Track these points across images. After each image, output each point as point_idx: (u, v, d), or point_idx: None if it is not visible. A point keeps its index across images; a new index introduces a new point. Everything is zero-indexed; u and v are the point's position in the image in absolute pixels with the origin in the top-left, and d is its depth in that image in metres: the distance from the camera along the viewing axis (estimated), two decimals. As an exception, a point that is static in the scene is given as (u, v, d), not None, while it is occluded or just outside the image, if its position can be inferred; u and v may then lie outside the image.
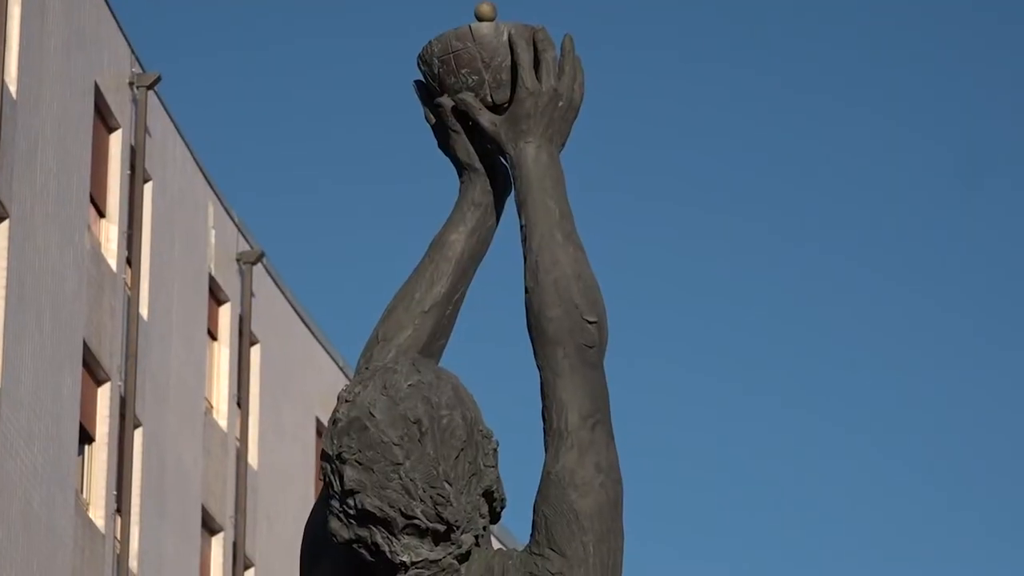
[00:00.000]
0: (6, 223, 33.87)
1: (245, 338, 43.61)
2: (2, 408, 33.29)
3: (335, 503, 4.99)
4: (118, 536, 37.49)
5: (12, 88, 34.35)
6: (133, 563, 37.97)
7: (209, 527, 41.95)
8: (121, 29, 39.35)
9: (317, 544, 5.45)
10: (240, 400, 43.17)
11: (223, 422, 42.69)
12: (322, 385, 40.22)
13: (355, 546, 5.12)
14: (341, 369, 41.60)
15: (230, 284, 43.39)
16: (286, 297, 45.72)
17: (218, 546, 42.28)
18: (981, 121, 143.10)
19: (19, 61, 34.84)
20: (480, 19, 5.42)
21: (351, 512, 5.04)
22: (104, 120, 38.52)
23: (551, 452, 5.27)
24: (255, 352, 43.87)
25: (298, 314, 45.97)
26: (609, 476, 5.26)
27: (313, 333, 45.95)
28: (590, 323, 5.29)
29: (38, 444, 34.59)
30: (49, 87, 36.08)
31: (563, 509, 5.20)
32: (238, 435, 43.23)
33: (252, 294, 43.95)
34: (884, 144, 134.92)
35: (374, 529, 5.05)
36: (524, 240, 5.39)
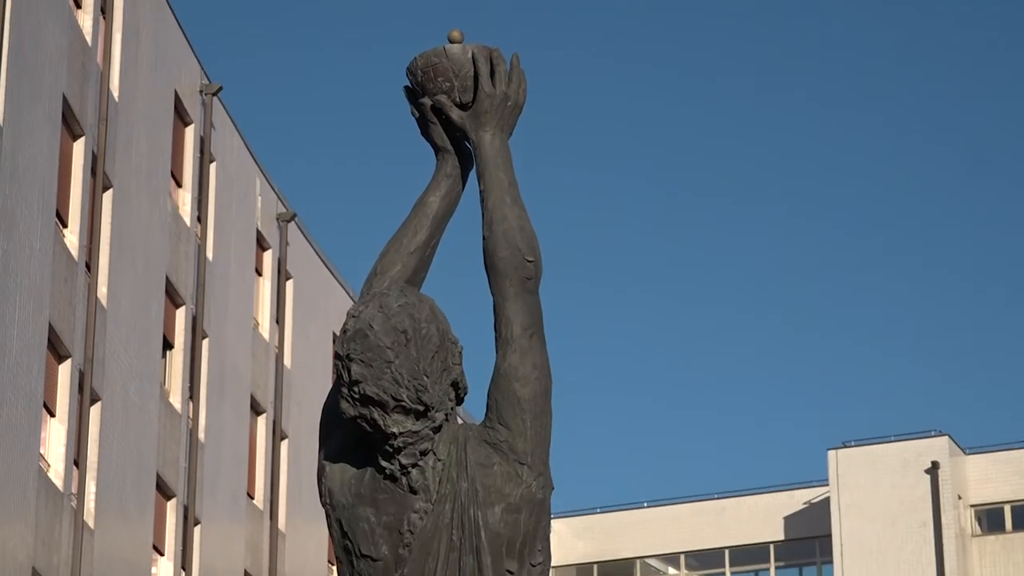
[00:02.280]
0: (110, 191, 34.23)
1: (282, 275, 43.52)
2: (108, 326, 33.48)
3: (344, 390, 6.26)
4: (191, 416, 37.61)
5: (115, 94, 34.61)
6: (201, 435, 38.07)
7: (255, 410, 41.77)
8: (193, 51, 39.50)
9: (331, 420, 6.69)
10: (278, 319, 43.17)
11: (266, 335, 42.62)
12: (337, 308, 40.43)
13: (359, 421, 6.39)
14: (350, 296, 41.72)
15: (271, 236, 43.35)
16: (312, 246, 45.63)
17: (262, 424, 42.14)
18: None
19: (120, 75, 34.99)
20: (451, 42, 6.87)
21: (356, 396, 6.32)
22: (181, 118, 38.63)
23: (500, 354, 6.63)
24: (289, 285, 43.76)
25: (320, 258, 45.81)
26: (542, 372, 6.63)
27: (331, 271, 45.93)
28: (529, 261, 6.73)
29: (135, 350, 34.79)
30: (141, 94, 36.26)
31: (509, 395, 6.52)
32: (277, 344, 43.12)
33: (287, 243, 43.79)
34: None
35: (372, 408, 6.32)
36: (482, 201, 6.79)
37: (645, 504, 61.35)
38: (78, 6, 33.40)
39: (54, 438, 31.41)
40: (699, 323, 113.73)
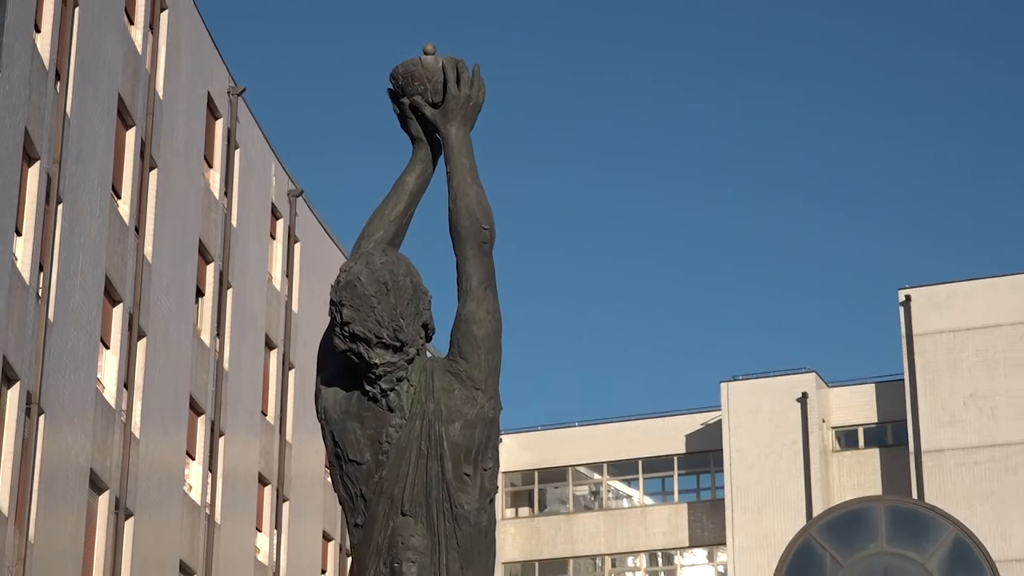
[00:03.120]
0: (155, 171, 34.22)
1: (291, 239, 43.50)
2: (152, 278, 33.47)
3: (337, 329, 6.33)
4: (217, 350, 37.59)
5: (160, 94, 34.64)
6: (225, 366, 38.06)
7: (269, 346, 41.78)
8: (222, 59, 39.48)
9: (327, 353, 6.79)
10: (288, 274, 43.25)
11: (278, 286, 42.57)
12: (335, 265, 40.21)
13: (348, 354, 6.46)
14: (344, 256, 41.71)
15: (283, 208, 43.30)
16: (315, 216, 45.61)
17: (274, 357, 42.16)
18: None
19: (164, 78, 35.03)
20: (426, 54, 6.98)
21: (346, 334, 6.39)
22: (212, 113, 38.63)
23: (461, 303, 6.71)
24: (297, 247, 43.73)
25: (322, 226, 45.75)
26: (494, 317, 6.71)
27: (330, 236, 45.95)
28: (485, 229, 6.81)
29: (173, 297, 34.80)
30: (181, 93, 36.33)
31: (468, 335, 6.60)
32: (287, 294, 43.13)
33: (296, 214, 43.72)
34: None
35: (359, 344, 6.40)
36: (448, 181, 6.88)
37: (576, 423, 61.40)
38: (131, 22, 33.36)
39: (108, 366, 31.41)
40: (624, 272, 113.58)
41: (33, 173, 27.28)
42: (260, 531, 40.54)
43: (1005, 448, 50.06)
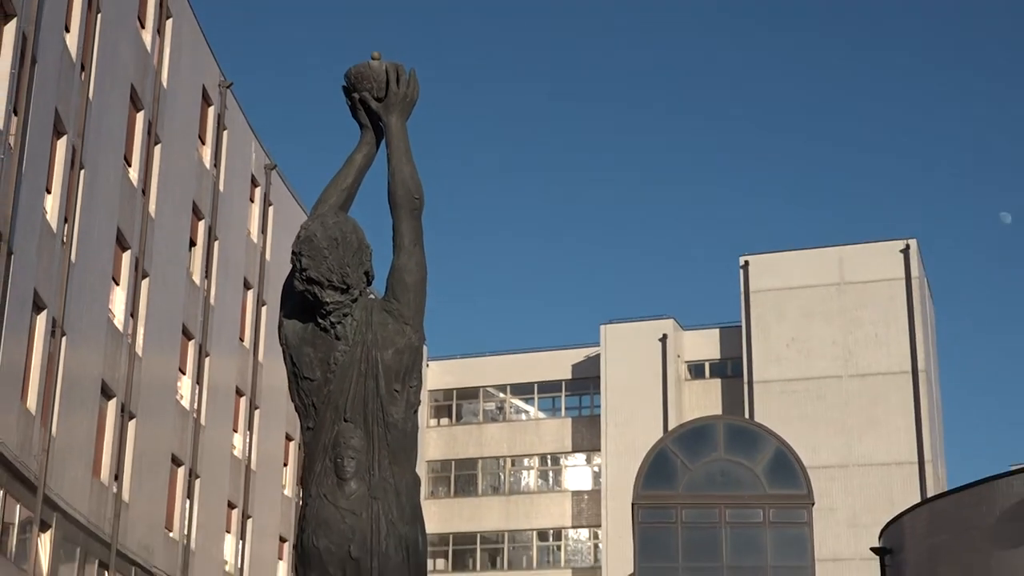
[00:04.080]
0: (159, 145, 33.92)
1: (267, 203, 43.23)
2: (155, 230, 33.23)
3: (296, 274, 6.29)
4: (205, 288, 37.57)
5: (165, 85, 34.41)
6: (212, 301, 38.08)
7: (246, 286, 41.59)
8: (215, 58, 39.11)
9: (288, 293, 6.77)
10: (263, 230, 43.06)
11: (255, 239, 42.37)
12: (300, 223, 40.60)
13: (305, 294, 6.42)
14: (306, 214, 41.68)
15: (261, 178, 42.99)
16: (286, 185, 45.38)
17: (250, 296, 41.93)
18: None
19: (168, 73, 34.78)
20: (373, 59, 6.83)
21: (303, 278, 6.35)
22: (206, 101, 38.31)
23: (396, 256, 6.66)
24: (271, 210, 43.45)
25: (291, 193, 45.53)
26: (421, 267, 6.69)
27: (297, 201, 45.64)
28: (416, 198, 6.77)
29: (171, 245, 34.67)
30: (181, 85, 36.05)
31: (400, 281, 6.57)
32: (262, 246, 42.98)
33: (271, 183, 43.54)
34: None
35: (313, 286, 6.37)
36: (389, 160, 6.84)
37: (487, 353, 61.48)
38: (143, 27, 33.02)
39: (118, 299, 31.25)
40: (529, 235, 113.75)
41: (61, 144, 27.05)
42: (236, 432, 40.47)
43: (817, 381, 50.73)
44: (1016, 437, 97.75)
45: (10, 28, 24.00)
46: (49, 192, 26.62)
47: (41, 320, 25.98)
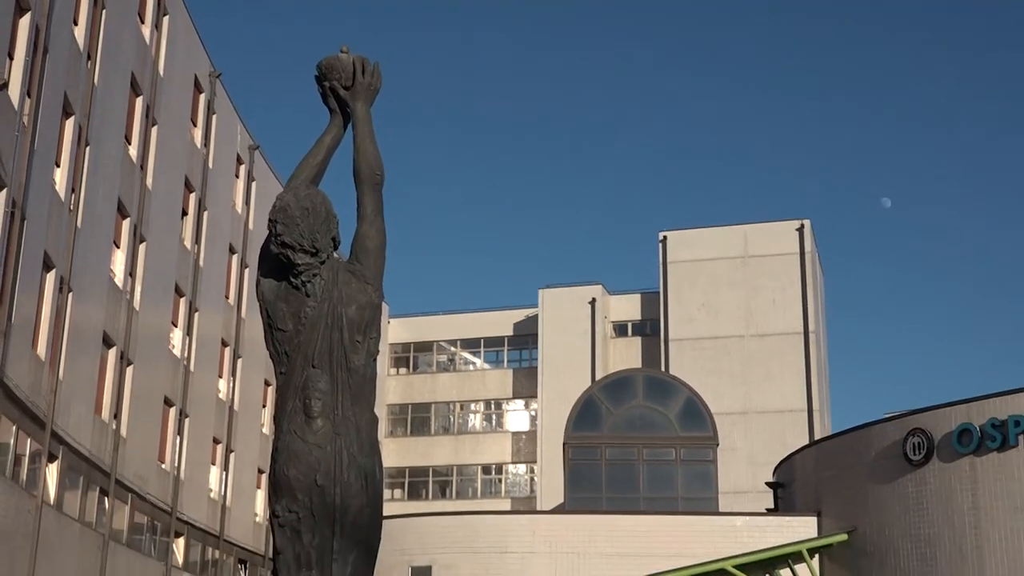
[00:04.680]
0: (156, 127, 33.59)
1: (250, 179, 42.86)
2: (152, 202, 32.93)
3: (272, 238, 6.22)
4: (196, 252, 37.21)
5: (161, 74, 34.05)
6: (201, 263, 37.82)
7: (232, 251, 41.45)
8: (206, 51, 38.73)
9: (265, 255, 6.67)
10: (247, 201, 42.81)
11: (239, 210, 42.15)
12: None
13: (279, 256, 6.32)
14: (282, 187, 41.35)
15: (245, 157, 42.68)
16: (267, 163, 45.05)
17: (235, 260, 41.80)
18: None
19: (164, 63, 34.43)
20: (342, 52, 6.74)
21: (278, 243, 6.29)
22: (197, 88, 37.99)
23: (359, 224, 6.62)
24: (253, 184, 43.17)
25: (271, 170, 45.20)
26: (381, 234, 6.61)
27: (276, 177, 45.31)
28: (378, 174, 6.66)
29: (166, 214, 34.37)
30: (176, 75, 35.75)
31: (363, 246, 6.50)
32: (246, 215, 42.77)
33: (254, 161, 43.32)
34: None
35: (287, 249, 6.30)
36: (354, 141, 6.75)
37: (440, 312, 61.41)
38: (142, 22, 32.63)
39: (118, 260, 31.03)
40: (477, 206, 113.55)
41: (69, 124, 26.77)
42: (221, 377, 40.30)
43: (723, 340, 51.08)
44: (890, 389, 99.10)
45: (24, 21, 23.75)
46: (58, 166, 26.32)
47: (50, 278, 25.75)
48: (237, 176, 42.32)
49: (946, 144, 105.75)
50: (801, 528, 28.08)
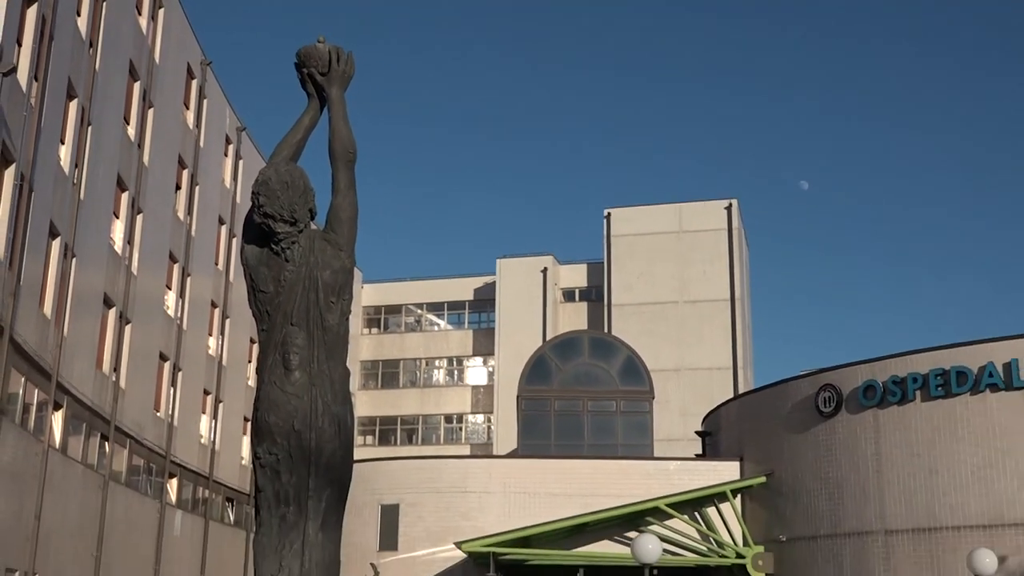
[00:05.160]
0: (152, 109, 33.18)
1: (238, 157, 42.32)
2: (148, 177, 32.53)
3: (255, 209, 6.13)
4: (189, 223, 36.82)
5: (157, 62, 33.57)
6: (193, 232, 37.42)
7: (221, 222, 41.09)
8: (198, 42, 38.23)
9: (249, 224, 6.52)
10: (234, 177, 42.36)
11: (228, 185, 41.84)
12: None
13: (262, 225, 6.22)
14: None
15: (233, 137, 42.19)
16: (252, 143, 44.56)
17: (224, 230, 41.42)
18: None
19: (160, 52, 33.95)
20: (319, 43, 6.64)
21: (261, 213, 6.19)
22: (190, 75, 37.52)
23: (333, 197, 6.57)
24: (240, 162, 42.78)
25: (256, 149, 44.67)
26: (353, 207, 6.52)
27: (261, 156, 44.84)
28: (351, 152, 6.54)
29: (161, 188, 34.00)
30: (170, 63, 35.23)
31: (337, 217, 6.42)
32: (233, 190, 42.40)
33: (241, 141, 42.89)
34: None
35: (268, 219, 6.20)
36: (329, 123, 6.63)
37: (408, 278, 61.25)
38: (140, 14, 32.15)
39: (118, 230, 30.70)
40: (445, 186, 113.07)
41: (73, 105, 26.36)
42: (211, 335, 40.01)
43: (659, 305, 51.30)
44: (805, 350, 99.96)
45: (32, 11, 23.34)
46: (63, 143, 25.92)
47: (55, 245, 25.41)
48: (226, 155, 41.83)
49: (857, 132, 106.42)
50: (725, 471, 28.34)
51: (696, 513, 27.74)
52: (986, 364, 23.24)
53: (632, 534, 26.65)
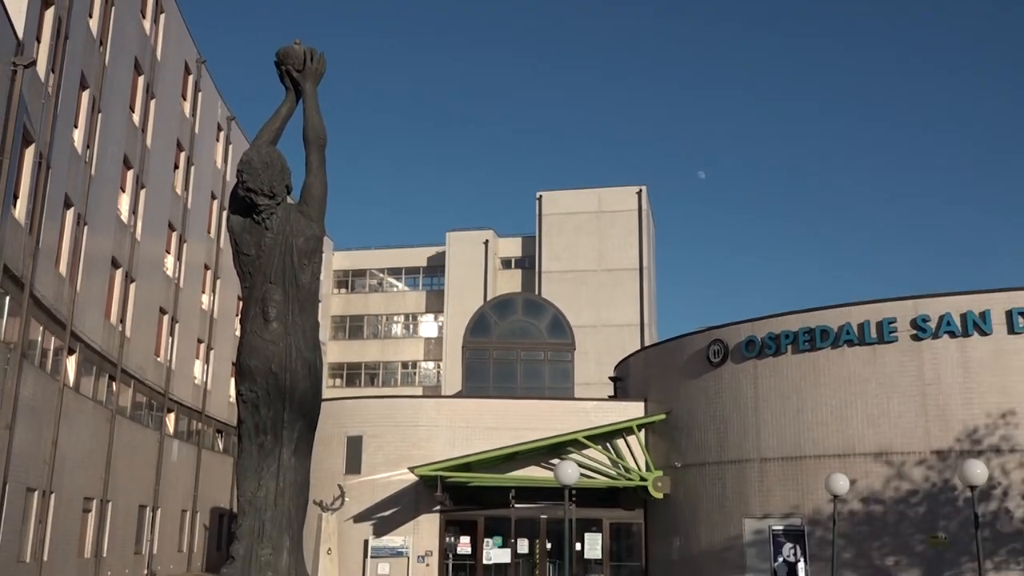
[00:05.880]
0: (154, 100, 32.41)
1: (228, 142, 41.51)
2: (151, 158, 31.72)
3: (239, 185, 5.96)
4: (184, 198, 36.14)
5: (159, 58, 32.76)
6: (189, 205, 36.67)
7: (213, 197, 40.34)
8: (194, 41, 37.40)
9: (234, 197, 6.38)
10: (224, 159, 41.59)
11: (219, 166, 41.16)
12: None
13: (245, 199, 6.08)
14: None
15: (224, 126, 41.40)
16: (241, 132, 43.77)
17: (215, 204, 40.71)
18: None
19: (161, 51, 33.15)
20: (295, 44, 6.52)
21: (244, 188, 6.04)
22: (187, 71, 36.74)
23: (307, 175, 6.41)
24: (230, 147, 41.96)
25: (244, 136, 43.88)
26: (324, 185, 6.43)
27: (248, 141, 44.09)
28: (322, 138, 6.40)
29: (161, 167, 33.23)
30: (170, 61, 34.40)
31: (309, 194, 6.33)
32: (224, 171, 41.62)
33: (231, 130, 42.18)
34: None
35: (250, 192, 6.06)
36: (304, 112, 6.47)
37: (373, 247, 60.78)
38: (144, 17, 31.30)
39: (124, 202, 30.06)
40: (399, 165, 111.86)
41: (85, 96, 25.69)
42: (204, 293, 39.42)
43: (581, 272, 51.57)
44: (699, 311, 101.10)
45: (49, 13, 22.68)
46: (76, 127, 25.29)
47: (70, 214, 24.87)
48: (217, 140, 40.96)
49: (746, 131, 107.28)
50: (632, 410, 28.64)
51: (608, 444, 28.02)
52: (844, 324, 23.69)
53: (555, 461, 26.89)
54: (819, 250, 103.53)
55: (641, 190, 52.36)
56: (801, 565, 19.25)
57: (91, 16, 25.92)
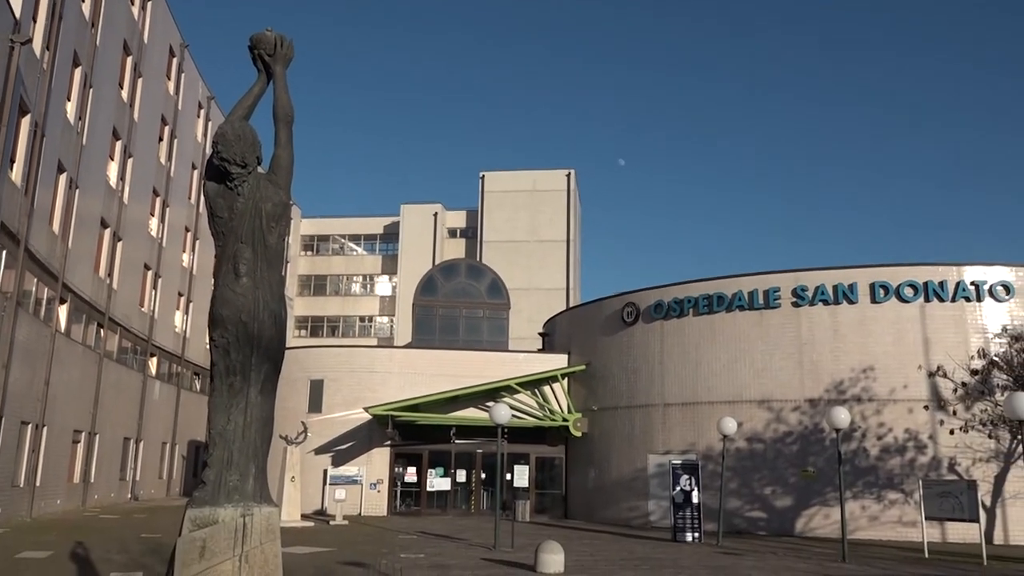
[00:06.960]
0: (141, 79, 31.33)
1: (207, 120, 40.65)
2: (138, 136, 30.72)
3: (215, 155, 5.78)
4: (168, 168, 35.08)
5: (146, 42, 31.62)
6: (172, 175, 35.61)
7: (193, 167, 39.26)
8: (178, 27, 36.13)
9: (210, 166, 6.20)
10: (204, 134, 40.41)
11: (199, 139, 40.04)
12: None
13: (219, 167, 5.91)
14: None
15: (204, 104, 40.20)
16: (220, 111, 42.63)
17: (196, 173, 39.66)
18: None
19: (148, 35, 32.04)
20: (267, 31, 6.32)
21: (219, 158, 5.85)
22: (171, 54, 35.49)
23: (275, 148, 6.21)
24: (209, 124, 40.91)
25: (221, 112, 42.81)
26: (290, 157, 6.30)
27: (224, 116, 42.94)
28: (289, 115, 6.25)
29: (147, 144, 32.13)
30: (156, 45, 33.19)
31: (277, 164, 6.17)
32: (204, 144, 40.49)
33: (211, 107, 41.08)
34: None
35: (224, 162, 5.88)
36: (274, 92, 6.30)
37: (336, 216, 59.94)
38: (132, 3, 30.14)
39: (112, 169, 29.18)
40: (371, 145, 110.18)
41: (78, 73, 24.75)
42: (184, 252, 38.50)
43: (517, 243, 51.60)
44: (617, 277, 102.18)
45: (44, -4, 21.69)
46: (69, 100, 24.36)
47: (63, 179, 24.05)
48: (198, 116, 39.71)
49: (660, 123, 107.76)
50: (557, 361, 28.91)
51: (535, 390, 28.28)
52: (737, 292, 24.17)
53: (490, 404, 27.08)
54: (724, 224, 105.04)
55: (570, 173, 52.53)
56: (695, 493, 19.93)
57: (83, 1, 24.87)
